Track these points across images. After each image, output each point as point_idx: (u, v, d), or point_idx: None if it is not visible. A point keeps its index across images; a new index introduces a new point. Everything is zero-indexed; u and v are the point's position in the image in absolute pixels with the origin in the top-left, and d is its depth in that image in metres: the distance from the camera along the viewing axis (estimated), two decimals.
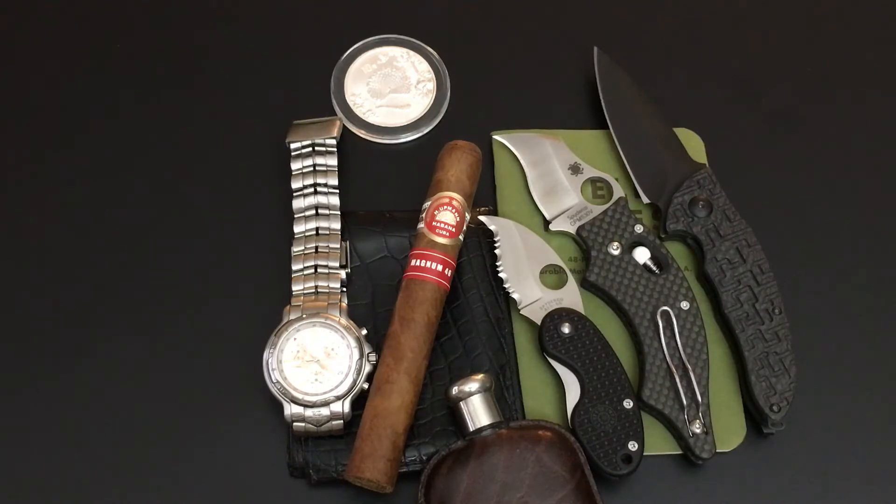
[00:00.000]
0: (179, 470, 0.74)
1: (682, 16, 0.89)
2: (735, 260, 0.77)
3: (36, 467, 0.74)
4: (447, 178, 0.76)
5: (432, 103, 0.84)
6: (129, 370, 0.76)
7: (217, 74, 0.85)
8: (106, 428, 0.75)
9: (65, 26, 0.86)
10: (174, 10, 0.87)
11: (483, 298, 0.77)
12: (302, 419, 0.72)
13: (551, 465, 0.71)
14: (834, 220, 0.82)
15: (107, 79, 0.85)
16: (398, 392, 0.72)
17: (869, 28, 0.89)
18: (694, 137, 0.83)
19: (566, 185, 0.80)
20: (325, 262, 0.76)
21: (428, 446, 0.74)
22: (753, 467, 0.76)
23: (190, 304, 0.78)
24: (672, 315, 0.75)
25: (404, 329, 0.73)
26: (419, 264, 0.74)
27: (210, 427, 0.75)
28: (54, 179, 0.81)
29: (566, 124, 0.84)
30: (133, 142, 0.83)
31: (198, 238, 0.80)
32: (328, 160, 0.78)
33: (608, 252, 0.78)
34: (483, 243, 0.79)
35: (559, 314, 0.75)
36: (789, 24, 0.89)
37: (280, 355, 0.73)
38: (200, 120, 0.84)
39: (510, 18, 0.88)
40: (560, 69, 0.86)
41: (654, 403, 0.74)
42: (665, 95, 0.85)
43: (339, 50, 0.86)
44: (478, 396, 0.72)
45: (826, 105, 0.86)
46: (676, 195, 0.79)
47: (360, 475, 0.70)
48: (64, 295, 0.78)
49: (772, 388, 0.75)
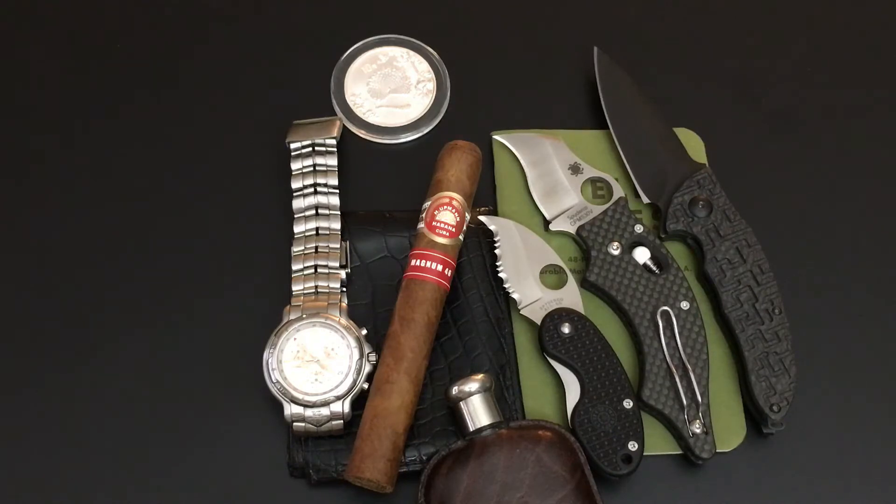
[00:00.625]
0: (179, 470, 0.74)
1: (682, 16, 0.89)
2: (735, 260, 0.77)
3: (36, 467, 0.74)
4: (447, 178, 0.76)
5: (432, 103, 0.84)
6: (128, 370, 0.76)
7: (217, 74, 0.85)
8: (106, 427, 0.75)
9: (65, 26, 0.86)
10: (174, 10, 0.87)
11: (483, 298, 0.77)
12: (302, 419, 0.72)
13: (551, 465, 0.71)
14: (834, 220, 0.82)
15: (107, 79, 0.85)
16: (398, 392, 0.72)
17: (869, 28, 0.89)
18: (694, 137, 0.83)
19: (566, 185, 0.80)
20: (325, 262, 0.76)
21: (428, 446, 0.74)
22: (753, 467, 0.76)
23: (190, 304, 0.78)
24: (672, 315, 0.75)
25: (404, 329, 0.73)
26: (419, 264, 0.74)
27: (210, 427, 0.75)
28: (54, 179, 0.81)
29: (566, 124, 0.84)
30: (133, 142, 0.83)
31: (198, 238, 0.80)
32: (328, 160, 0.78)
33: (608, 252, 0.78)
34: (483, 243, 0.79)
35: (559, 314, 0.75)
36: (789, 24, 0.89)
37: (280, 355, 0.73)
38: (200, 120, 0.84)
39: (510, 19, 0.88)
40: (560, 69, 0.86)
41: (654, 403, 0.74)
42: (665, 95, 0.85)
43: (339, 50, 0.86)
44: (478, 396, 0.72)
45: (826, 105, 0.86)
46: (676, 195, 0.79)
47: (360, 475, 0.70)
48: (64, 295, 0.78)
49: (772, 388, 0.75)
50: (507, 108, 0.85)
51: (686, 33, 0.88)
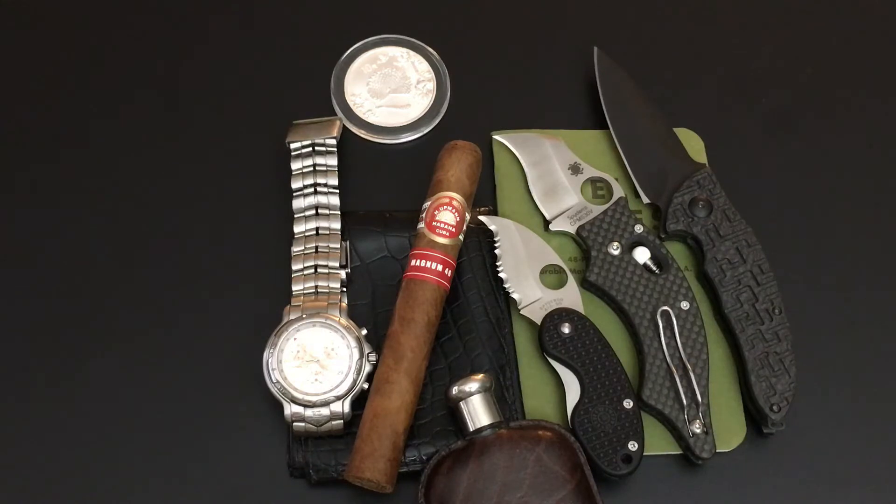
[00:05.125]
0: (179, 470, 0.74)
1: (682, 16, 0.89)
2: (735, 260, 0.77)
3: (36, 467, 0.74)
4: (447, 178, 0.76)
5: (432, 103, 0.84)
6: (129, 370, 0.76)
7: (217, 74, 0.85)
8: (106, 428, 0.75)
9: (65, 26, 0.86)
10: (174, 10, 0.87)
11: (483, 298, 0.77)
12: (302, 419, 0.72)
13: (551, 465, 0.71)
14: (834, 219, 0.82)
15: (107, 79, 0.85)
16: (398, 392, 0.72)
17: (869, 28, 0.89)
18: (694, 137, 0.83)
19: (566, 185, 0.80)
20: (325, 262, 0.76)
21: (428, 446, 0.74)
22: (753, 467, 0.76)
23: (190, 305, 0.78)
24: (672, 315, 0.75)
25: (404, 329, 0.73)
26: (419, 264, 0.74)
27: (210, 427, 0.75)
28: (54, 180, 0.81)
29: (566, 124, 0.84)
30: (133, 142, 0.83)
31: (198, 238, 0.80)
32: (328, 160, 0.78)
33: (608, 252, 0.78)
34: (483, 243, 0.79)
35: (559, 314, 0.75)
36: (789, 24, 0.89)
37: (280, 355, 0.73)
38: (200, 120, 0.84)
39: (510, 19, 0.88)
40: (560, 69, 0.86)
41: (654, 403, 0.74)
42: (665, 95, 0.85)
43: (339, 50, 0.86)
44: (478, 396, 0.72)
45: (825, 105, 0.86)
46: (676, 195, 0.79)
47: (360, 475, 0.70)
48: (63, 295, 0.78)
49: (772, 388, 0.75)
50: (507, 108, 0.85)
51: (686, 33, 0.88)
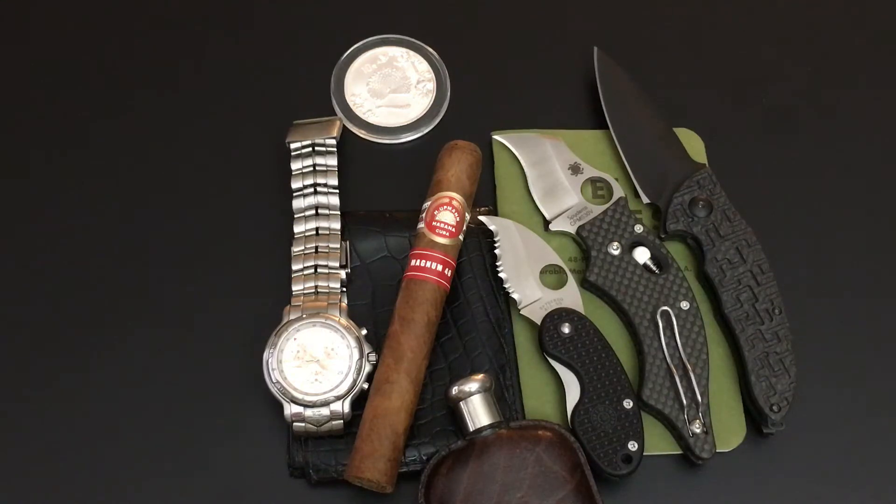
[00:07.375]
0: (180, 470, 0.74)
1: (682, 16, 0.89)
2: (735, 260, 0.77)
3: (36, 467, 0.74)
4: (447, 178, 0.76)
5: (432, 103, 0.84)
6: (129, 370, 0.76)
7: (217, 74, 0.85)
8: (106, 427, 0.75)
9: (65, 27, 0.86)
10: (174, 11, 0.87)
11: (483, 298, 0.77)
12: (302, 419, 0.72)
13: (551, 465, 0.71)
14: (834, 219, 0.82)
15: (107, 79, 0.85)
16: (398, 392, 0.72)
17: (869, 28, 0.89)
18: (694, 137, 0.83)
19: (566, 185, 0.80)
20: (325, 262, 0.76)
21: (428, 446, 0.74)
22: (753, 467, 0.76)
23: (190, 304, 0.78)
24: (672, 315, 0.75)
25: (404, 329, 0.73)
26: (419, 264, 0.74)
27: (210, 427, 0.75)
28: (55, 180, 0.81)
29: (566, 124, 0.84)
30: (133, 142, 0.83)
31: (198, 238, 0.80)
32: (328, 160, 0.78)
33: (608, 252, 0.78)
34: (483, 243, 0.79)
35: (559, 314, 0.75)
36: (789, 23, 0.89)
37: (280, 355, 0.73)
38: (200, 120, 0.84)
39: (510, 19, 0.88)
40: (560, 69, 0.86)
41: (654, 403, 0.74)
42: (665, 95, 0.85)
43: (339, 50, 0.86)
44: (478, 396, 0.72)
45: (826, 105, 0.86)
46: (676, 195, 0.79)
47: (360, 475, 0.70)
48: (63, 295, 0.78)
49: (772, 388, 0.75)
50: (507, 108, 0.85)
51: (686, 33, 0.88)
